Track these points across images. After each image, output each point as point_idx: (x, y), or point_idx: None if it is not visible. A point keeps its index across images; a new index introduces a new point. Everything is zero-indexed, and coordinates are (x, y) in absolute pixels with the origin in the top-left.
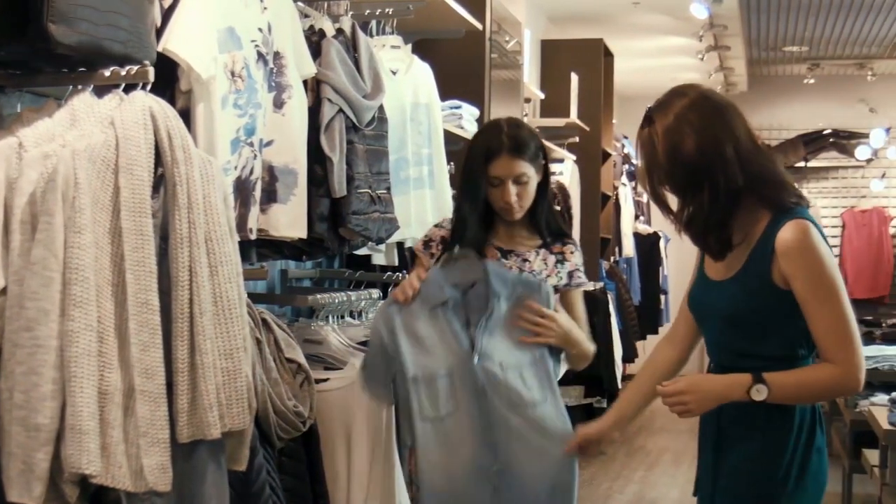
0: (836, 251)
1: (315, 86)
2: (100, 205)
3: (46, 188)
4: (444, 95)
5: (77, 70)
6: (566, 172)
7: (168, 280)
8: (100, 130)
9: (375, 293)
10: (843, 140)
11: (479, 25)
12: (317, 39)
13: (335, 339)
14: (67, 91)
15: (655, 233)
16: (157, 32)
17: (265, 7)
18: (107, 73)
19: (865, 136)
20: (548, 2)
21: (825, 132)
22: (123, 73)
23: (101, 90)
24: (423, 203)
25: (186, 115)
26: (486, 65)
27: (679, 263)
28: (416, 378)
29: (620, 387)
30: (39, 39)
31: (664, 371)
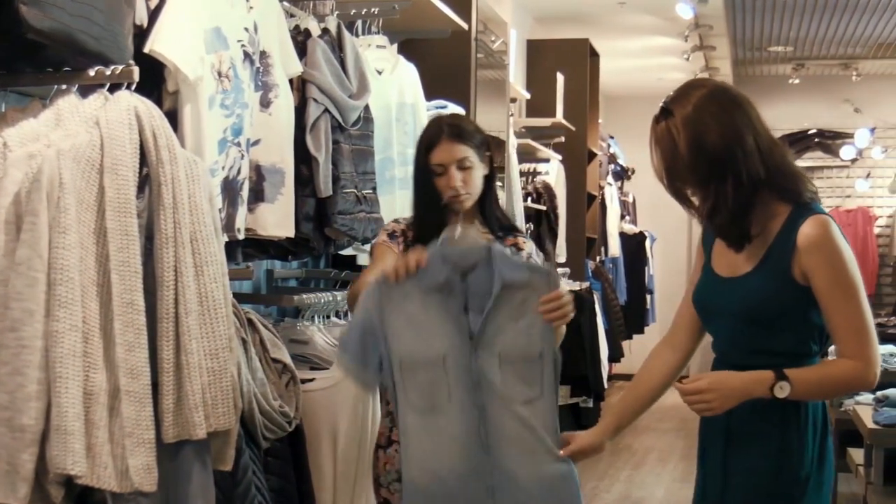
0: None
1: (301, 85)
2: (85, 205)
3: (31, 188)
4: (430, 95)
5: (61, 70)
6: (552, 172)
7: (153, 280)
8: (85, 130)
9: None
10: (828, 140)
11: (465, 25)
12: (302, 39)
13: (321, 339)
14: (52, 91)
15: (641, 232)
16: (144, 33)
17: (251, 7)
18: (92, 73)
19: (850, 136)
20: (534, 2)
21: (810, 132)
22: (108, 73)
23: (86, 90)
24: (409, 203)
25: (174, 116)
26: (472, 65)
27: (665, 263)
28: (405, 364)
29: (606, 386)
30: (11, 23)
31: (665, 377)
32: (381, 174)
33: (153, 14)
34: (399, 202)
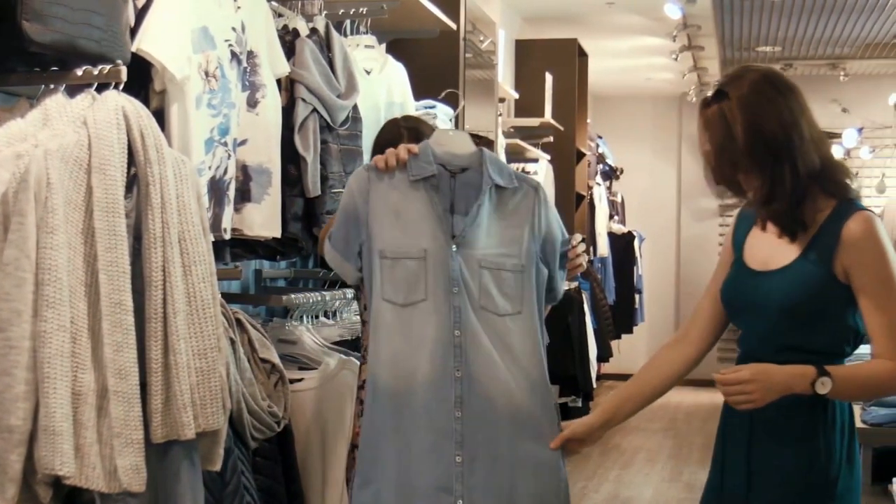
0: None
1: (289, 85)
2: (72, 205)
3: (18, 188)
4: (419, 95)
5: (49, 69)
6: (541, 172)
7: (141, 280)
8: (72, 130)
9: (349, 293)
10: None
11: (454, 25)
12: (290, 39)
13: (309, 339)
14: (40, 90)
15: (630, 232)
16: (131, 33)
17: (239, 6)
18: (79, 73)
19: (838, 136)
20: (522, 2)
21: None
22: (96, 73)
23: (74, 90)
24: None
25: (161, 116)
26: (461, 65)
27: (653, 263)
28: (384, 253)
29: (595, 386)
30: (14, 38)
31: (677, 370)
32: None
33: (140, 13)
34: None
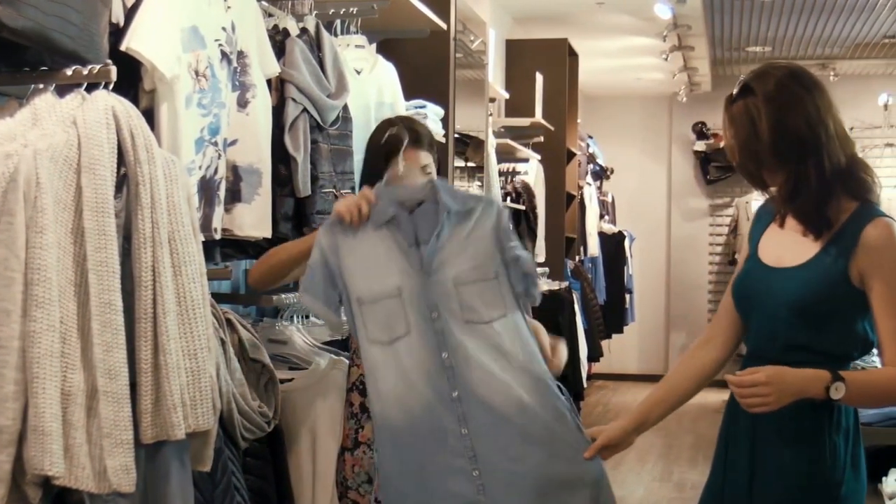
0: None
1: (279, 85)
2: (62, 204)
3: (8, 188)
4: (409, 95)
5: (38, 69)
6: (531, 172)
7: (131, 280)
8: (62, 130)
9: None
10: None
11: (444, 25)
12: (280, 39)
13: (300, 340)
14: (29, 90)
15: (620, 232)
16: (120, 31)
17: (229, 6)
18: (69, 73)
19: None
20: (512, 2)
21: None
22: (85, 73)
23: (63, 90)
24: None
25: (150, 115)
26: (451, 64)
27: (644, 263)
28: (363, 300)
29: (585, 385)
30: None
31: (706, 373)
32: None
33: (130, 12)
34: None
